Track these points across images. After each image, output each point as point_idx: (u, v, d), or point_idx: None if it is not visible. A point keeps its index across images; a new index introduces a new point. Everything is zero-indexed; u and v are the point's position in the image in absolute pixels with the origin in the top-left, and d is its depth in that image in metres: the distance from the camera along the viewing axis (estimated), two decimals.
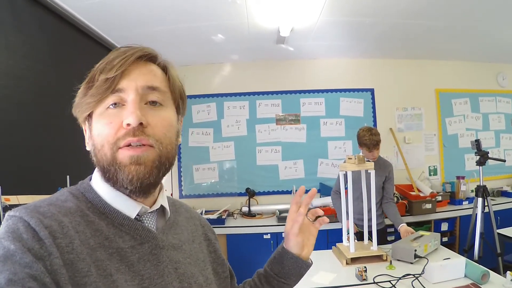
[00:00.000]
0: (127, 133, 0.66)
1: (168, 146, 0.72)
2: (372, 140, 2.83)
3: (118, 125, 0.67)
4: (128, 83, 0.69)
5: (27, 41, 2.21)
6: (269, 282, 0.99)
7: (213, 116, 4.44)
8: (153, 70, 0.74)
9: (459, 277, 2.01)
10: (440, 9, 3.04)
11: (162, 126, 0.71)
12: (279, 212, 3.94)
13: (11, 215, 0.58)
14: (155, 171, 0.69)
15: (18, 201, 1.88)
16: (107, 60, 0.69)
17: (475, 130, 4.80)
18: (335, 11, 3.03)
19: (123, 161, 0.66)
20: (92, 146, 0.70)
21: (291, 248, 0.97)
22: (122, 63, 0.68)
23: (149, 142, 0.68)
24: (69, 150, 2.54)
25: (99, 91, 0.67)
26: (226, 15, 3.05)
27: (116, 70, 0.67)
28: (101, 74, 0.68)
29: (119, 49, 0.72)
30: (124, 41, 3.43)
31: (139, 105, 0.68)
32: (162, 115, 0.72)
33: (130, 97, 0.68)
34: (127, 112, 0.67)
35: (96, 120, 0.69)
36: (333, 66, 4.57)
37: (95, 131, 0.69)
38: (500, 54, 4.52)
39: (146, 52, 0.73)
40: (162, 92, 0.73)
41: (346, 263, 2.38)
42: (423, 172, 4.58)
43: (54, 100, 2.45)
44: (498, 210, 3.91)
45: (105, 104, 0.68)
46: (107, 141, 0.67)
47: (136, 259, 0.67)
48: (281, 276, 0.97)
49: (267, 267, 1.01)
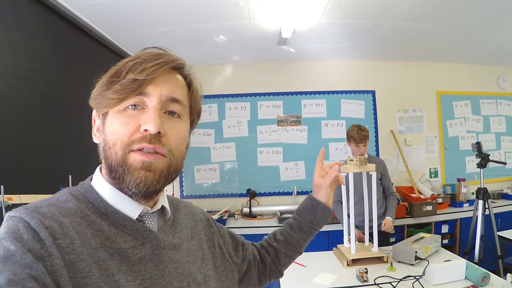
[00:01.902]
0: (143, 139, 0.67)
1: (178, 158, 0.73)
2: (359, 135, 2.92)
3: (135, 127, 0.67)
4: (154, 88, 0.69)
5: (28, 40, 2.21)
6: (301, 229, 1.10)
7: (214, 116, 4.44)
8: (179, 81, 0.75)
9: (460, 279, 2.02)
10: (441, 11, 3.04)
11: (177, 139, 0.73)
12: (280, 213, 3.95)
13: (11, 216, 0.58)
14: (162, 180, 0.70)
15: (20, 200, 1.89)
16: (138, 60, 0.69)
17: (475, 132, 4.80)
18: (337, 13, 3.04)
19: (133, 164, 0.67)
20: (102, 142, 0.70)
21: (321, 198, 1.10)
22: (155, 69, 0.68)
23: (163, 151, 0.69)
24: (71, 149, 2.55)
25: (125, 89, 0.67)
26: (228, 17, 3.06)
27: (148, 75, 0.67)
28: (128, 73, 0.68)
29: (147, 49, 0.73)
30: (126, 41, 3.46)
31: (159, 113, 0.69)
32: (178, 128, 0.73)
33: (153, 103, 0.69)
34: (147, 118, 0.67)
35: (113, 117, 0.69)
36: (334, 67, 4.57)
37: (109, 128, 0.69)
38: (501, 56, 4.52)
39: (177, 63, 0.74)
40: (183, 105, 0.75)
41: (347, 265, 2.39)
42: (424, 174, 4.58)
43: (56, 99, 2.47)
44: (499, 213, 3.92)
45: (125, 103, 0.68)
46: (120, 141, 0.67)
47: (137, 259, 0.68)
48: (314, 223, 1.09)
49: (298, 217, 1.12)
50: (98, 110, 0.72)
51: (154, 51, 0.73)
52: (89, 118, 0.78)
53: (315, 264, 2.47)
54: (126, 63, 0.69)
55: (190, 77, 0.79)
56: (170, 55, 0.73)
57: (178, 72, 0.76)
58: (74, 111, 2.59)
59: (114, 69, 0.70)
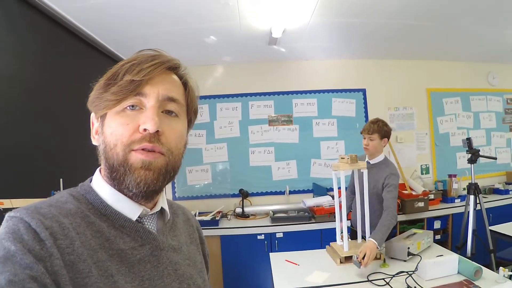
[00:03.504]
0: (143, 138, 0.67)
1: (176, 156, 0.74)
2: (368, 124, 2.81)
3: (134, 127, 0.68)
4: (151, 88, 0.70)
5: (18, 42, 2.18)
6: None
7: (205, 117, 4.42)
8: (175, 81, 0.77)
9: (453, 274, 2.03)
10: (430, 9, 3.06)
11: (175, 137, 0.74)
12: (273, 212, 3.94)
13: (12, 216, 0.58)
14: (161, 178, 0.70)
15: (11, 205, 1.86)
16: (134, 61, 0.70)
17: (466, 128, 4.85)
18: (327, 12, 3.04)
19: (134, 163, 0.67)
20: (102, 144, 0.71)
21: None
22: (151, 70, 0.69)
23: (162, 150, 0.70)
24: (62, 153, 2.52)
25: (122, 91, 0.68)
26: (219, 17, 3.04)
27: (144, 75, 0.68)
28: (125, 74, 0.68)
29: (142, 51, 0.74)
30: (116, 44, 3.43)
31: (157, 112, 0.70)
32: (176, 126, 0.74)
33: (150, 103, 0.70)
34: (145, 118, 0.68)
35: (112, 119, 0.69)
36: (325, 66, 4.58)
37: (108, 129, 0.69)
38: (490, 53, 4.57)
39: (173, 63, 0.75)
40: (179, 104, 0.76)
41: (340, 262, 2.38)
42: (415, 171, 4.61)
43: (46, 101, 2.43)
44: (490, 208, 3.96)
45: (123, 104, 0.69)
46: (120, 142, 0.67)
47: (136, 260, 0.68)
48: None
49: None
50: (97, 113, 0.73)
51: (149, 52, 0.74)
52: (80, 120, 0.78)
53: (308, 262, 2.47)
54: (123, 65, 0.70)
55: (185, 77, 0.80)
56: (166, 56, 0.75)
57: (173, 72, 0.77)
58: (65, 113, 2.56)
59: (111, 72, 0.71)
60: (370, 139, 2.75)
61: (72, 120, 2.20)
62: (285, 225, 3.64)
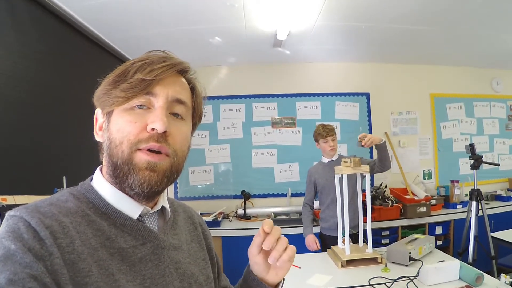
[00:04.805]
0: (151, 138, 0.67)
1: (181, 159, 0.74)
2: (325, 129, 3.01)
3: (142, 126, 0.68)
4: (161, 89, 0.70)
5: (24, 41, 2.19)
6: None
7: (209, 118, 4.43)
8: (184, 84, 0.77)
9: (454, 280, 2.02)
10: (435, 14, 3.07)
11: (181, 139, 0.74)
12: (275, 215, 3.95)
13: (12, 215, 0.57)
14: (164, 180, 0.70)
15: (14, 201, 1.87)
16: (146, 61, 0.70)
17: (469, 134, 4.84)
18: (332, 15, 3.06)
19: (138, 163, 0.67)
20: (107, 140, 0.70)
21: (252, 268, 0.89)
22: (163, 70, 0.69)
23: (168, 151, 0.70)
24: (66, 150, 2.53)
25: (133, 88, 0.68)
26: (224, 18, 3.06)
27: (156, 75, 0.68)
28: (136, 73, 0.68)
29: (153, 52, 0.74)
30: (121, 43, 3.45)
31: (166, 113, 0.70)
32: (181, 128, 0.74)
33: (160, 103, 0.70)
34: (154, 117, 0.68)
35: (119, 116, 0.69)
36: (329, 70, 4.59)
37: (114, 126, 0.69)
38: (495, 59, 4.57)
39: (184, 66, 0.76)
40: (187, 107, 0.76)
41: (342, 266, 2.38)
42: (418, 176, 4.60)
43: (52, 100, 2.45)
44: (492, 214, 3.93)
45: (132, 102, 0.69)
46: (127, 139, 0.67)
47: (137, 259, 0.68)
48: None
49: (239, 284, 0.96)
50: (103, 109, 0.72)
51: (160, 54, 0.74)
52: (85, 118, 0.77)
53: (309, 265, 2.47)
54: (133, 64, 0.70)
55: (194, 81, 0.81)
56: (176, 58, 0.75)
57: (183, 75, 0.78)
58: (69, 111, 2.57)
59: (120, 69, 0.71)
60: (332, 139, 3.05)
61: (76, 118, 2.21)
62: (287, 228, 3.63)
